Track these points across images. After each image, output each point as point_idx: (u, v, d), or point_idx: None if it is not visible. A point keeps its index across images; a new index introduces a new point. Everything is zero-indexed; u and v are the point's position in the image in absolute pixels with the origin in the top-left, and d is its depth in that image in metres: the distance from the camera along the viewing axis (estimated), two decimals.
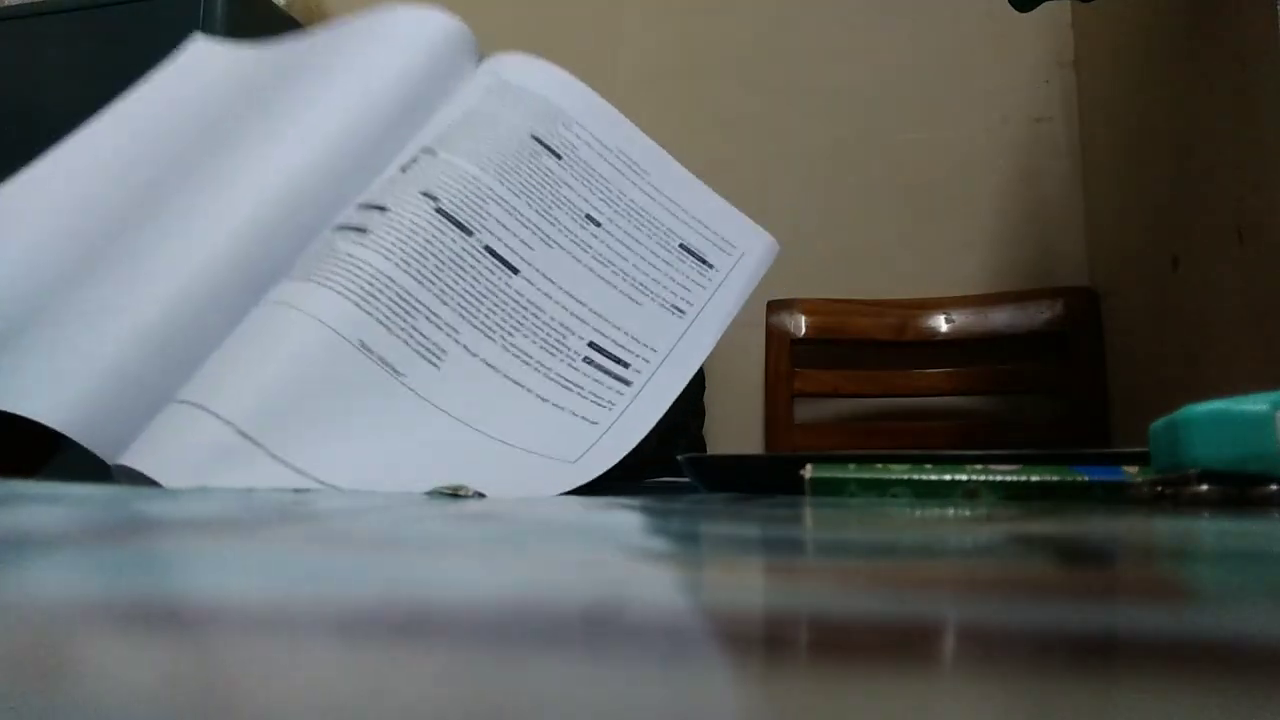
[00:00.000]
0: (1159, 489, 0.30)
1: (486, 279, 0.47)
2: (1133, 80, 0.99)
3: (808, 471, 0.35)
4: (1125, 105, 1.03)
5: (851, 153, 1.25)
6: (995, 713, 0.07)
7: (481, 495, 0.35)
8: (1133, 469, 0.33)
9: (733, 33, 1.32)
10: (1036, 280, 1.18)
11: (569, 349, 0.48)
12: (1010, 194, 1.22)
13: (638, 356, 0.49)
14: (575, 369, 0.47)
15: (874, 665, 0.08)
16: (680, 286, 0.52)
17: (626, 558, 0.16)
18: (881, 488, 0.34)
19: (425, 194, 0.48)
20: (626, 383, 0.48)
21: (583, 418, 0.46)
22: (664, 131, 0.67)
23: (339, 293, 0.44)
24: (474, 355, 0.45)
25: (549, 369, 0.47)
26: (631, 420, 0.46)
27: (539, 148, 0.52)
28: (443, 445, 0.42)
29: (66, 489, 0.31)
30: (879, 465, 0.35)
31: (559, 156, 0.53)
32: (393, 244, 0.46)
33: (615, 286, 0.50)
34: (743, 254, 0.55)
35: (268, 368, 0.41)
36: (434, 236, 0.47)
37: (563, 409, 0.46)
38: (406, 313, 0.45)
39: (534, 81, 0.55)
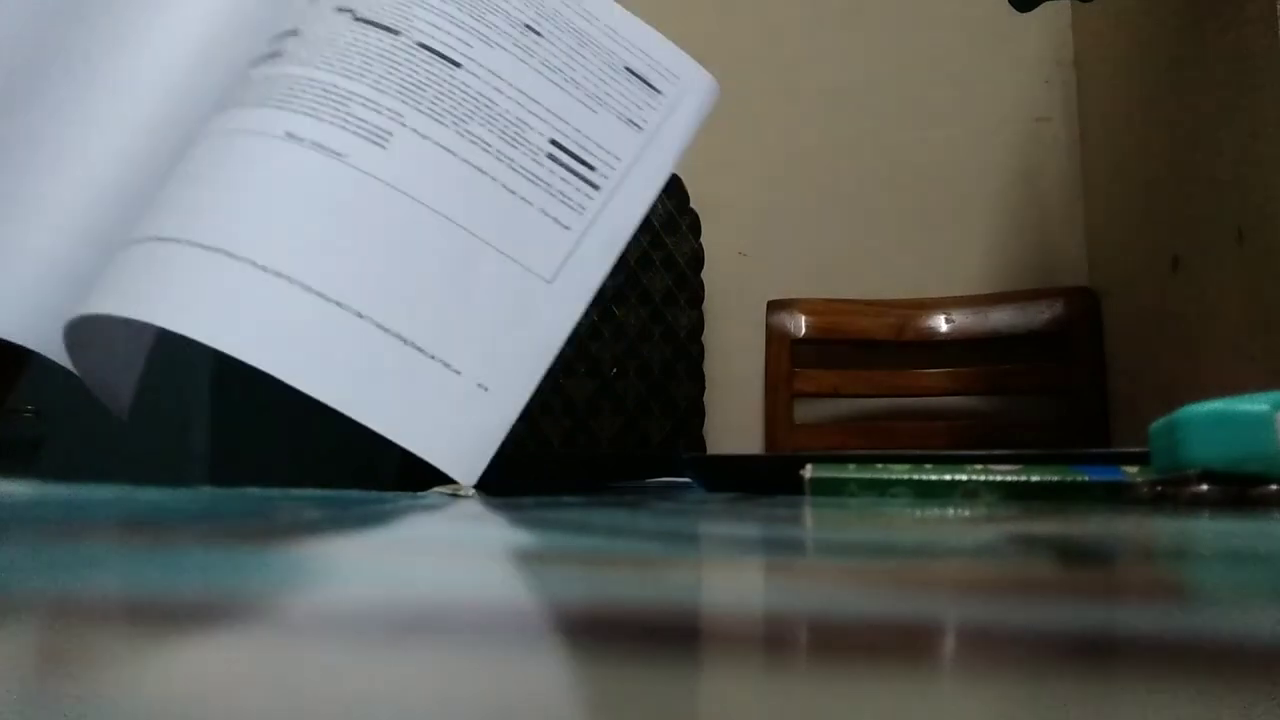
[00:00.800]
0: (1159, 489, 0.30)
1: (425, 70, 0.43)
2: (1133, 80, 0.99)
3: (808, 471, 0.35)
4: (1125, 105, 1.03)
5: (851, 153, 1.25)
6: (995, 713, 0.07)
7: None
8: (1133, 469, 0.33)
9: (733, 32, 1.32)
10: (1036, 280, 1.17)
11: (530, 143, 0.44)
12: (1010, 194, 1.22)
13: (603, 161, 0.46)
14: (540, 164, 0.44)
15: (874, 665, 0.08)
16: (633, 104, 0.49)
17: (628, 557, 0.16)
18: (881, 488, 0.34)
19: (339, 9, 0.44)
20: (594, 186, 0.45)
21: (554, 219, 0.43)
22: None
23: (253, 105, 0.41)
24: (424, 138, 0.42)
25: (511, 159, 0.43)
26: (603, 232, 0.44)
27: None
28: (408, 238, 0.40)
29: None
30: (879, 465, 0.35)
31: None
32: (310, 54, 0.43)
33: (568, 92, 0.47)
34: (687, 88, 0.52)
35: (203, 192, 0.40)
36: (357, 38, 0.43)
37: (531, 204, 0.43)
38: (336, 102, 0.41)
39: None
